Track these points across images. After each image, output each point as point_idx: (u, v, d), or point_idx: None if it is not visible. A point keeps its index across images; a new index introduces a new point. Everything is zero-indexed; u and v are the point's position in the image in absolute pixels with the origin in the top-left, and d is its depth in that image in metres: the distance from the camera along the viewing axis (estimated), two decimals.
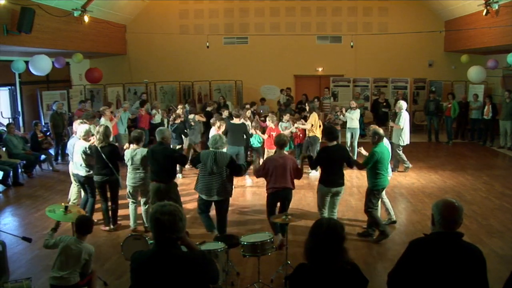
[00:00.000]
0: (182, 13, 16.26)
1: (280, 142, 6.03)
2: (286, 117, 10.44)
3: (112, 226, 6.79)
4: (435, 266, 2.71)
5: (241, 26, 16.21)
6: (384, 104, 14.48)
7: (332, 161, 5.99)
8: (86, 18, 12.00)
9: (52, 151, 11.36)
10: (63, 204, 5.09)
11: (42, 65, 10.84)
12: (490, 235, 6.45)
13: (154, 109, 12.16)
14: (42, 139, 10.79)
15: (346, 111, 11.09)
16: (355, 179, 9.54)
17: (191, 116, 10.62)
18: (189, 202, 7.91)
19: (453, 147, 13.09)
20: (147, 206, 6.59)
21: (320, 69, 16.30)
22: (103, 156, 6.43)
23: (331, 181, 6.00)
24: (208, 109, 11.81)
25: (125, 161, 6.56)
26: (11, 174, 9.43)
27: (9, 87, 11.97)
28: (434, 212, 2.84)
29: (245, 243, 4.79)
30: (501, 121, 12.53)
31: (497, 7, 10.82)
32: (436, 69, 16.01)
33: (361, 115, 14.38)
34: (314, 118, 9.96)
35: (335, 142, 6.19)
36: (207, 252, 4.32)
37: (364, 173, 9.97)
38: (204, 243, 4.85)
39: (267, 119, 10.14)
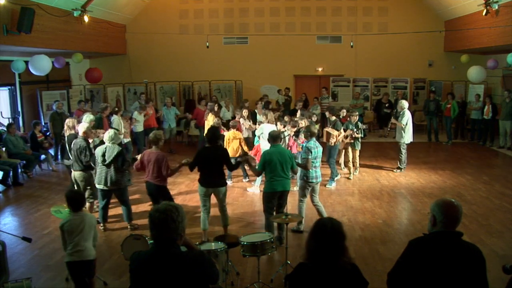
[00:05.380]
0: (182, 13, 16.25)
1: (150, 139, 6.40)
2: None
3: None
4: (435, 266, 2.71)
5: (241, 26, 16.21)
6: (387, 105, 14.48)
7: (207, 161, 6.06)
8: (86, 18, 11.99)
9: (51, 151, 11.35)
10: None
11: (42, 65, 10.83)
12: (490, 235, 6.44)
13: (225, 106, 13.16)
14: (42, 139, 10.79)
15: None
16: (354, 179, 9.55)
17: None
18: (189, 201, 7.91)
19: (453, 147, 13.09)
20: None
21: (320, 69, 16.29)
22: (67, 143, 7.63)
23: (207, 181, 6.09)
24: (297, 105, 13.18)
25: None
26: (11, 174, 9.43)
27: (9, 87, 11.97)
28: (435, 212, 2.83)
29: (245, 243, 4.80)
30: (501, 121, 12.52)
31: (497, 7, 10.82)
32: (436, 69, 16.00)
33: (361, 115, 14.45)
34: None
35: (218, 144, 6.23)
36: (207, 252, 4.32)
37: (364, 173, 10.10)
38: (204, 243, 4.86)
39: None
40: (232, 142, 8.84)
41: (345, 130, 9.34)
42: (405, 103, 9.96)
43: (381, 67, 15.81)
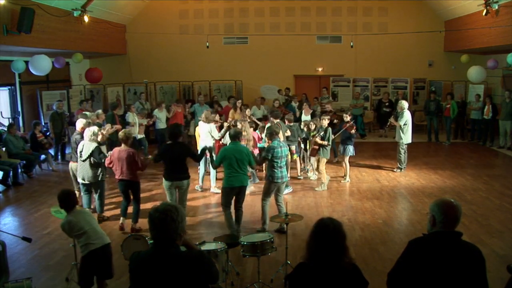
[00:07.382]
0: (182, 13, 16.25)
1: (120, 137, 6.74)
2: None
3: None
4: (434, 265, 2.71)
5: (241, 26, 16.21)
6: (387, 104, 14.48)
7: (170, 156, 6.53)
8: (86, 18, 11.98)
9: (51, 151, 11.35)
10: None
11: (42, 65, 10.83)
12: (490, 235, 6.44)
13: (256, 105, 13.28)
14: (42, 139, 10.79)
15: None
16: (354, 179, 9.55)
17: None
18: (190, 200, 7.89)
19: (453, 147, 13.08)
20: None
21: (320, 69, 16.29)
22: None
23: (171, 176, 6.54)
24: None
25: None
26: (11, 174, 9.43)
27: (9, 87, 11.97)
28: (435, 212, 2.83)
29: (245, 243, 4.80)
30: (501, 121, 12.52)
31: (497, 7, 10.82)
32: (436, 69, 16.00)
33: (361, 115, 14.46)
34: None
35: (178, 140, 6.70)
36: (207, 252, 4.32)
37: (364, 173, 10.10)
38: (204, 243, 4.86)
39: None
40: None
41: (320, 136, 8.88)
42: (405, 104, 9.96)
43: (381, 67, 15.81)
